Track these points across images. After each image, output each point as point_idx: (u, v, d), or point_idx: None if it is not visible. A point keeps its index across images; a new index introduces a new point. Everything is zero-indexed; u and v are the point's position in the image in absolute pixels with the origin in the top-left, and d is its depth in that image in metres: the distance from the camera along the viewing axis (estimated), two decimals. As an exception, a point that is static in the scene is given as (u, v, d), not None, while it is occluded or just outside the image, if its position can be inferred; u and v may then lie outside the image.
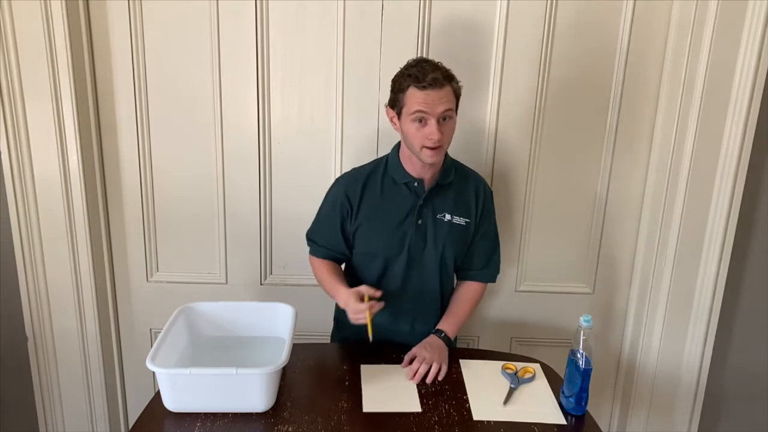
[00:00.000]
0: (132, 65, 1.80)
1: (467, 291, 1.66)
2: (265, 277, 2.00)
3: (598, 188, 1.92)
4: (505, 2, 1.74)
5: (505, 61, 1.79)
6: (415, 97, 1.38)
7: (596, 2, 1.75)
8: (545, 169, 1.90)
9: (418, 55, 1.77)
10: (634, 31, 1.77)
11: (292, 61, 1.80)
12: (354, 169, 1.61)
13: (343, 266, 1.69)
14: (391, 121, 1.49)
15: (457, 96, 1.44)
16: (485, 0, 1.75)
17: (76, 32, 1.72)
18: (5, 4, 1.64)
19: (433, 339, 1.56)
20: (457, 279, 1.70)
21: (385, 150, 1.83)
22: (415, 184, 1.52)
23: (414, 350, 1.52)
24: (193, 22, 1.76)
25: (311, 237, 1.65)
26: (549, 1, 1.75)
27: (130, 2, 1.75)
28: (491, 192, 1.64)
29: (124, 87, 1.82)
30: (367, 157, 1.84)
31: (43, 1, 1.65)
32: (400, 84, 1.42)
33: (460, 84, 1.45)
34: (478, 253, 1.63)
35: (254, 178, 1.90)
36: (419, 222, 1.53)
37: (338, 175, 1.86)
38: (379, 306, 1.44)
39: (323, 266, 1.63)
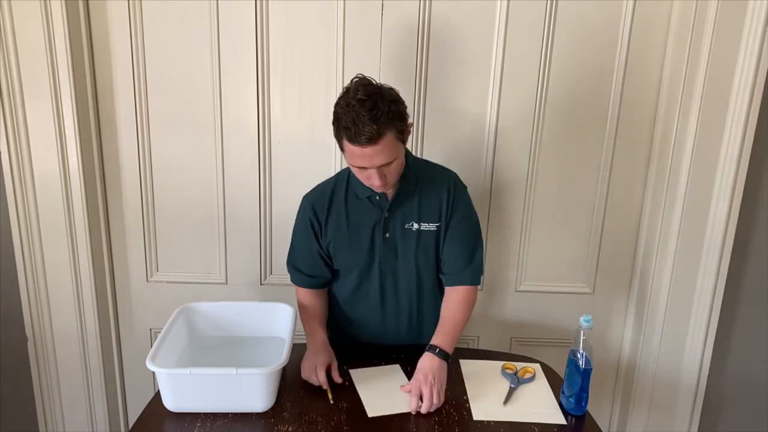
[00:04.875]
0: (132, 65, 1.80)
1: (457, 298, 1.53)
2: (265, 277, 2.00)
3: (598, 188, 1.92)
4: (505, 2, 1.74)
5: (505, 61, 1.80)
6: (351, 152, 1.32)
7: (596, 2, 1.75)
8: (545, 169, 1.90)
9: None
10: (634, 31, 1.77)
11: (292, 61, 1.80)
12: (318, 186, 1.58)
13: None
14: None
15: (401, 137, 1.34)
16: (485, 0, 1.75)
17: (76, 33, 1.72)
18: (5, 4, 1.64)
19: (427, 361, 1.41)
20: (444, 285, 1.61)
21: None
22: (377, 197, 1.48)
23: (412, 383, 1.39)
24: (193, 22, 1.76)
25: (294, 264, 1.60)
26: (549, 2, 1.75)
27: (130, 2, 1.75)
28: (463, 186, 1.54)
29: (124, 87, 1.82)
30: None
31: (43, 2, 1.65)
32: (336, 130, 1.33)
33: (404, 119, 1.34)
34: (458, 251, 1.51)
35: (254, 178, 1.90)
36: (387, 235, 1.50)
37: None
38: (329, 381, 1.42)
39: (310, 299, 1.60)
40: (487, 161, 1.88)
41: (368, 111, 1.27)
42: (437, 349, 1.43)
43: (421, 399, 1.35)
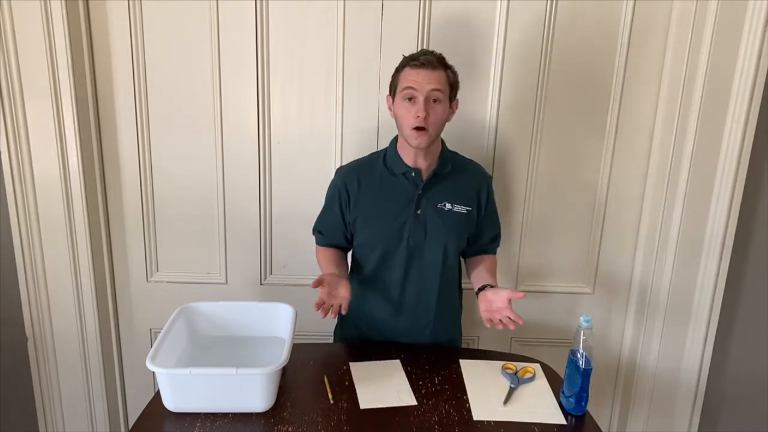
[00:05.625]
0: (132, 66, 1.80)
1: (490, 259, 1.67)
2: (265, 277, 2.00)
3: (598, 188, 1.92)
4: (505, 2, 1.74)
5: (505, 61, 1.80)
6: (407, 75, 1.44)
7: (596, 2, 1.75)
8: (545, 169, 1.90)
9: (411, 51, 1.78)
10: (634, 31, 1.77)
11: (292, 61, 1.80)
12: (354, 161, 1.63)
13: (349, 256, 1.69)
14: (390, 110, 1.52)
15: (452, 84, 1.47)
16: (485, 0, 1.75)
17: (76, 33, 1.72)
18: (5, 4, 1.64)
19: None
20: (466, 256, 1.69)
21: (385, 150, 1.84)
22: (413, 174, 1.53)
23: (488, 313, 1.45)
24: (193, 22, 1.76)
25: (317, 228, 1.68)
26: (549, 1, 1.75)
27: (130, 3, 1.75)
28: (491, 177, 1.67)
29: (124, 87, 1.82)
30: (367, 157, 1.85)
31: (43, 2, 1.65)
32: (398, 66, 1.48)
33: (456, 74, 1.48)
34: (487, 233, 1.66)
35: (254, 178, 1.90)
36: (418, 212, 1.53)
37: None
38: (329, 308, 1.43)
39: (323, 252, 1.67)
40: (486, 161, 1.88)
41: (432, 51, 1.46)
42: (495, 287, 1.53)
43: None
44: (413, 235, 1.54)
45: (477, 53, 1.79)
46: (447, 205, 1.55)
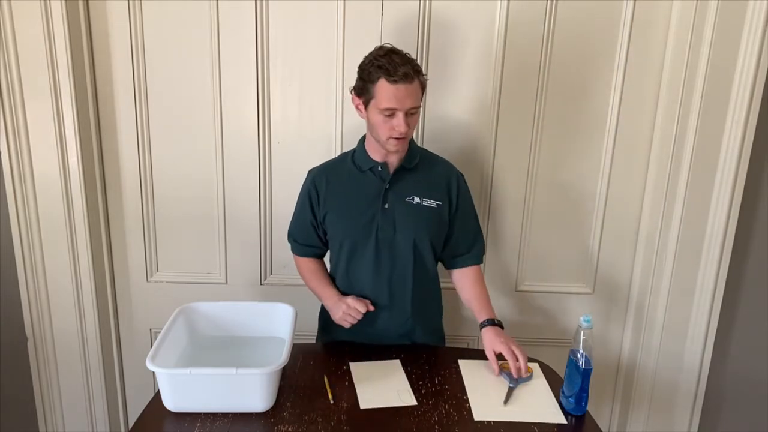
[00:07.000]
0: (132, 66, 1.80)
1: (476, 278, 1.64)
2: (265, 277, 2.00)
3: (598, 188, 1.92)
4: (505, 2, 1.74)
5: (505, 62, 1.80)
6: (385, 91, 1.39)
7: (596, 2, 1.75)
8: (545, 169, 1.90)
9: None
10: (634, 31, 1.77)
11: (292, 61, 1.80)
12: (325, 162, 1.65)
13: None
14: (357, 108, 1.50)
15: (423, 89, 1.47)
16: (485, 0, 1.75)
17: (76, 33, 1.73)
18: (5, 4, 1.64)
19: (495, 332, 1.51)
20: (448, 268, 1.68)
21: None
22: (380, 168, 1.54)
23: (502, 350, 1.46)
24: (193, 22, 1.76)
25: (291, 234, 1.69)
26: (549, 1, 1.75)
27: (130, 3, 1.75)
28: (462, 175, 1.63)
29: (123, 87, 1.82)
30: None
31: (43, 2, 1.65)
32: (369, 74, 1.41)
33: (426, 78, 1.48)
34: (463, 237, 1.63)
35: (254, 179, 1.90)
36: (386, 206, 1.53)
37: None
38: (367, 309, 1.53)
39: (308, 265, 1.68)
40: (487, 160, 1.88)
41: (401, 57, 1.41)
42: (494, 321, 1.55)
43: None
44: (382, 229, 1.54)
45: (477, 52, 1.79)
46: (415, 198, 1.55)
